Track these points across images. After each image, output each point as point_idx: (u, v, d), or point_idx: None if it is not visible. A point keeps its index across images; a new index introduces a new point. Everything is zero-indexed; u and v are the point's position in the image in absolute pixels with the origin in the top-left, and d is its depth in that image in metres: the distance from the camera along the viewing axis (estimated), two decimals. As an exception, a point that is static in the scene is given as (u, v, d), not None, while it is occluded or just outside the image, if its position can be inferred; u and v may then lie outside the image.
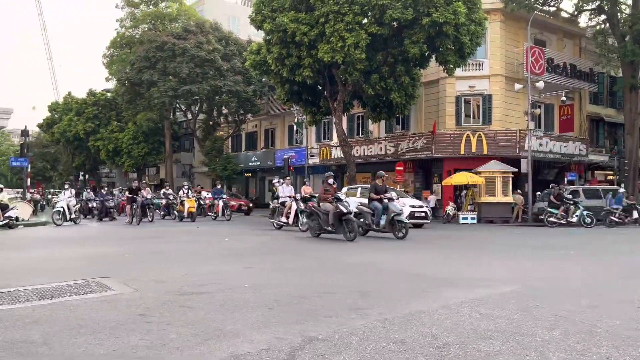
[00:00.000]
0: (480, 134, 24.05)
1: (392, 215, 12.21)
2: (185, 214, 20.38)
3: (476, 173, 22.62)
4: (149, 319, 4.35)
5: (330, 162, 29.57)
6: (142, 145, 40.98)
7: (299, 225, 14.92)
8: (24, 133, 29.61)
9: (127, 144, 41.11)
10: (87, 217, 22.60)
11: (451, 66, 20.98)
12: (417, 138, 25.34)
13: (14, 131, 74.48)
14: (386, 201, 12.48)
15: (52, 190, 54.12)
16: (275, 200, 16.53)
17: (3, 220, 16.31)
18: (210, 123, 38.61)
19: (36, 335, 3.84)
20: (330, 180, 13.05)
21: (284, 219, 15.41)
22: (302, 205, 14.76)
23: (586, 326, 4.10)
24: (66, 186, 20.57)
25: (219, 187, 24.65)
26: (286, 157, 29.52)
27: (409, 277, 6.73)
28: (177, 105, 38.18)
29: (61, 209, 17.96)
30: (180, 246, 10.96)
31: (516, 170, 23.07)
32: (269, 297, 5.24)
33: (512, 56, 25.90)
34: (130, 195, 18.85)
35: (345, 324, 4.16)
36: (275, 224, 16.12)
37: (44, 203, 34.33)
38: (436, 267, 7.74)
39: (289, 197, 15.66)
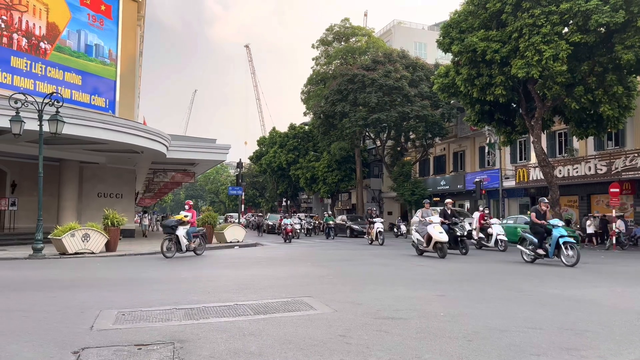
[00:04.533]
0: None
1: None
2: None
3: None
4: (349, 340, 4.53)
5: (527, 184, 27.36)
6: (335, 172, 43.59)
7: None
8: (239, 165, 34.08)
9: (323, 172, 44.13)
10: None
11: (679, 69, 17.82)
12: (637, 155, 21.92)
13: (230, 163, 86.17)
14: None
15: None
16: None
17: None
18: (398, 149, 39.19)
19: (253, 347, 4.31)
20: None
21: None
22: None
23: None
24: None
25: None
26: (477, 180, 28.25)
27: (634, 315, 5.77)
28: (367, 134, 39.73)
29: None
30: (372, 269, 11.23)
31: None
32: (466, 328, 5.01)
33: None
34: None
35: (556, 366, 3.75)
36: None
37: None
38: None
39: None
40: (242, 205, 34.46)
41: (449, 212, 15.77)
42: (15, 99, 14.33)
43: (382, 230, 21.38)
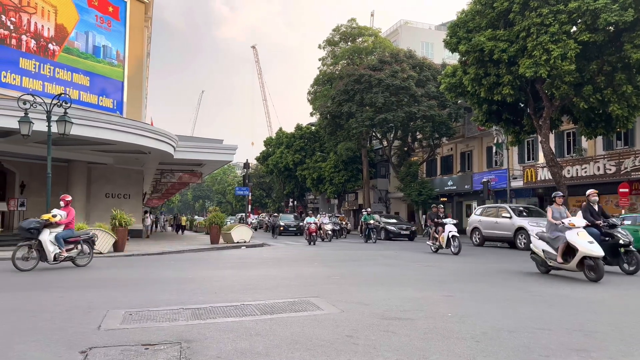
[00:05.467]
0: None
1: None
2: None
3: None
4: (356, 340, 4.51)
5: (535, 184, 27.18)
6: (342, 173, 43.58)
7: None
8: (246, 166, 34.13)
9: (329, 172, 44.13)
10: None
11: (689, 68, 17.61)
12: (646, 154, 21.74)
13: (237, 164, 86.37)
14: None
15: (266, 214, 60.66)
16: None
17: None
18: (405, 149, 39.10)
19: (260, 347, 4.30)
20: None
21: None
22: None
23: None
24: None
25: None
26: (485, 180, 28.11)
27: (644, 318, 5.71)
28: (374, 134, 39.66)
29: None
30: (380, 269, 11.19)
31: None
32: (474, 329, 4.98)
33: None
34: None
35: (566, 367, 3.71)
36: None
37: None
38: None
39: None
40: (249, 206, 34.46)
41: (595, 208, 10.59)
42: (24, 100, 14.43)
43: (456, 234, 15.99)
